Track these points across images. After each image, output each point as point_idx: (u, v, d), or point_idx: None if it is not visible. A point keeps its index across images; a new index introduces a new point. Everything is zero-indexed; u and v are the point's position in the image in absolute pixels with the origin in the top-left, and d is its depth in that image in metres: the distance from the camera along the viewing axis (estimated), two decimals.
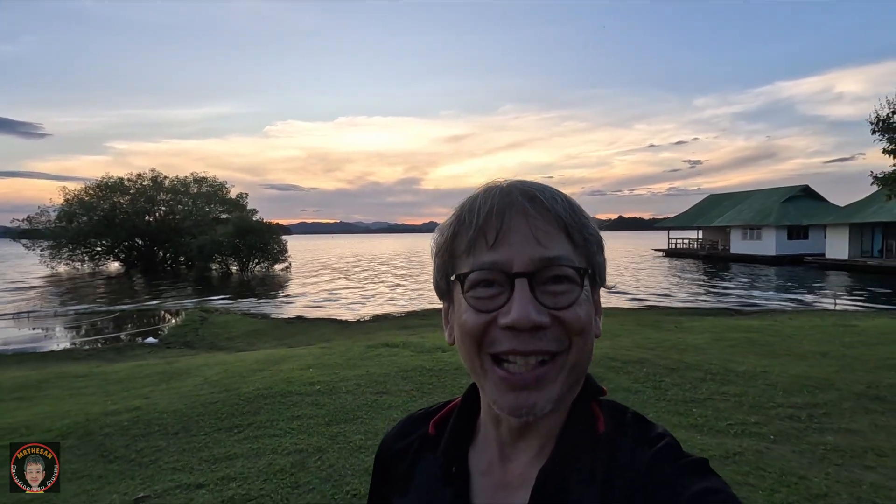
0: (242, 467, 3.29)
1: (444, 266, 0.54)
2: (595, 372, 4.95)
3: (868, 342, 7.01)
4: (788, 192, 35.41)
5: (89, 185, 34.49)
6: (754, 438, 3.58)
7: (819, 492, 2.73)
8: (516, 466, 0.54)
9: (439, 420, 0.62)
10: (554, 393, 0.49)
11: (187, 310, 14.72)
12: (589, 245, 0.53)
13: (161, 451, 3.60)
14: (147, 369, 6.65)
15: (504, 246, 0.49)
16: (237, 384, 5.29)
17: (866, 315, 11.13)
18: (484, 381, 0.51)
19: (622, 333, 8.59)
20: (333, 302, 17.88)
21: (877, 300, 16.24)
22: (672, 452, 0.49)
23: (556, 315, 0.48)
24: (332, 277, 28.13)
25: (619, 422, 0.53)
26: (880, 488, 2.79)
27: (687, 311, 12.99)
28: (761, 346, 6.99)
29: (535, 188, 0.52)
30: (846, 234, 28.15)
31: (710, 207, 42.80)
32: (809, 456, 3.26)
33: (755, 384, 4.92)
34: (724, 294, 18.73)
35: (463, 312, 0.51)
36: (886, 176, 11.25)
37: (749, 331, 8.38)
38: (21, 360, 8.57)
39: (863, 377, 5.09)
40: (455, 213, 0.54)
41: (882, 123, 11.25)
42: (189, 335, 10.78)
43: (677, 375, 5.28)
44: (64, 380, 6.18)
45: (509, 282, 0.48)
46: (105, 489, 3.04)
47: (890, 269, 23.86)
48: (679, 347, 6.91)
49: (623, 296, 18.07)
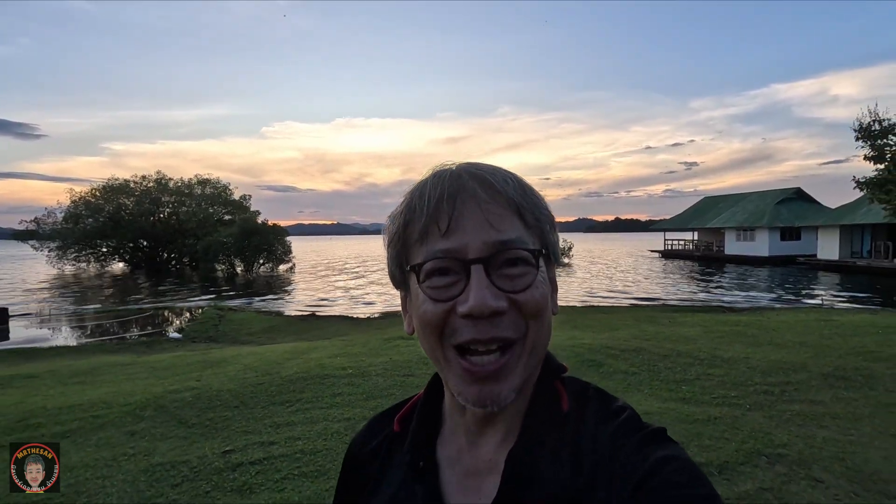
0: (302, 431, 3.91)
1: (397, 256, 0.54)
2: (596, 359, 5.65)
3: (844, 334, 7.68)
4: (781, 195, 36.23)
5: (95, 188, 35.05)
6: (733, 407, 4.23)
7: (780, 443, 3.38)
8: (485, 452, 0.54)
9: (403, 416, 0.61)
10: (516, 381, 0.49)
11: (202, 308, 15.31)
12: (542, 225, 0.52)
13: (229, 419, 4.23)
14: (186, 359, 7.26)
15: (457, 232, 0.49)
16: (276, 369, 5.91)
17: (848, 312, 11.83)
18: (447, 373, 0.51)
19: (620, 327, 9.25)
20: (341, 300, 18.50)
21: (862, 298, 16.98)
22: (633, 424, 0.50)
23: (513, 298, 0.48)
24: (335, 277, 28.75)
25: (582, 398, 0.54)
26: (829, 440, 3.44)
27: (681, 308, 13.66)
28: (747, 337, 7.65)
29: (485, 170, 0.52)
30: (836, 235, 28.94)
31: (705, 209, 43.60)
32: (777, 419, 3.92)
33: (737, 367, 5.57)
34: (718, 293, 19.43)
35: (421, 303, 0.50)
36: (868, 180, 11.95)
37: (737, 325, 9.05)
38: (59, 354, 9.14)
39: (833, 361, 5.75)
40: (405, 200, 0.53)
41: (864, 131, 11.95)
42: (210, 331, 11.38)
43: (669, 361, 5.93)
44: (114, 367, 6.78)
45: (465, 269, 0.48)
46: (193, 446, 3.66)
47: (878, 269, 24.62)
48: (672, 338, 7.56)
49: (621, 294, 18.76)
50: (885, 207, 11.99)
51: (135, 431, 3.96)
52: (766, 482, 2.84)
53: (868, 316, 10.38)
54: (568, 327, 9.33)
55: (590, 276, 27.32)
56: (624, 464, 0.46)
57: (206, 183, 38.28)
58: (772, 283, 22.47)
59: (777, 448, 3.29)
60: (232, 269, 29.74)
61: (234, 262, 29.67)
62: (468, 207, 0.49)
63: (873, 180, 11.83)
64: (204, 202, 37.30)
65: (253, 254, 29.30)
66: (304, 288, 23.41)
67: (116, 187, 35.30)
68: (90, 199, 34.43)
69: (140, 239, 35.81)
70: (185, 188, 37.41)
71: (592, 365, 5.72)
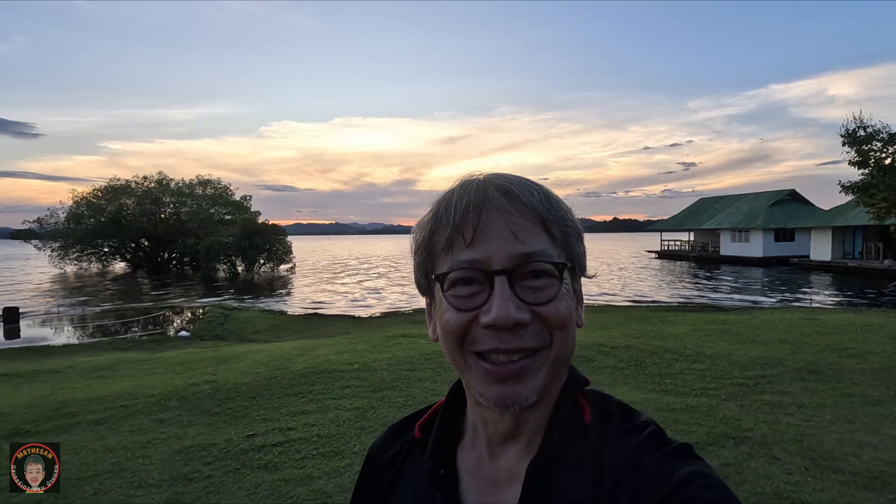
0: (316, 419, 4.29)
1: (423, 264, 0.55)
2: (587, 355, 6.08)
3: (824, 332, 8.08)
4: (775, 196, 36.72)
5: (97, 188, 35.38)
6: (709, 398, 4.62)
7: (747, 427, 3.77)
8: (505, 462, 0.54)
9: (424, 423, 0.61)
10: (538, 383, 0.49)
11: (206, 308, 15.67)
12: (568, 237, 0.53)
13: (248, 408, 4.60)
14: (199, 355, 7.62)
15: (482, 243, 0.49)
16: (286, 364, 6.29)
17: (833, 311, 12.24)
18: (469, 376, 0.51)
19: (612, 326, 9.64)
20: (342, 300, 18.87)
21: (849, 299, 17.43)
22: (657, 440, 0.49)
23: (536, 311, 0.49)
24: (336, 277, 29.13)
25: (605, 411, 0.54)
26: (791, 425, 3.83)
27: (672, 308, 14.07)
28: (732, 335, 8.05)
29: (510, 182, 0.52)
30: (829, 236, 29.43)
31: (701, 210, 44.08)
32: (748, 408, 4.31)
33: (719, 363, 5.97)
34: (710, 293, 19.86)
35: (444, 311, 0.51)
36: (853, 184, 12.37)
37: (724, 323, 9.45)
38: (73, 351, 9.49)
39: (808, 357, 6.15)
40: (432, 209, 0.54)
41: (850, 137, 12.38)
42: (217, 329, 11.75)
43: (656, 357, 6.32)
44: (131, 363, 7.14)
45: (488, 280, 0.49)
46: (218, 431, 4.03)
47: (869, 270, 25.10)
48: (661, 336, 7.96)
49: (615, 294, 19.17)
50: (869, 211, 12.41)
51: (163, 419, 4.34)
52: (730, 460, 3.23)
53: (851, 315, 10.79)
54: None
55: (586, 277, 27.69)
56: (647, 479, 0.45)
57: (206, 183, 38.63)
58: (764, 284, 22.92)
59: (744, 432, 3.68)
60: (233, 269, 30.07)
61: (236, 262, 29.99)
62: (493, 219, 0.50)
63: (858, 185, 12.25)
64: (205, 202, 37.63)
65: (254, 254, 29.64)
66: (306, 288, 23.76)
67: (118, 187, 35.64)
68: (92, 200, 34.74)
69: (141, 239, 36.13)
70: (186, 188, 37.74)
71: (583, 361, 6.10)
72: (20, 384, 6.10)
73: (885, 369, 5.54)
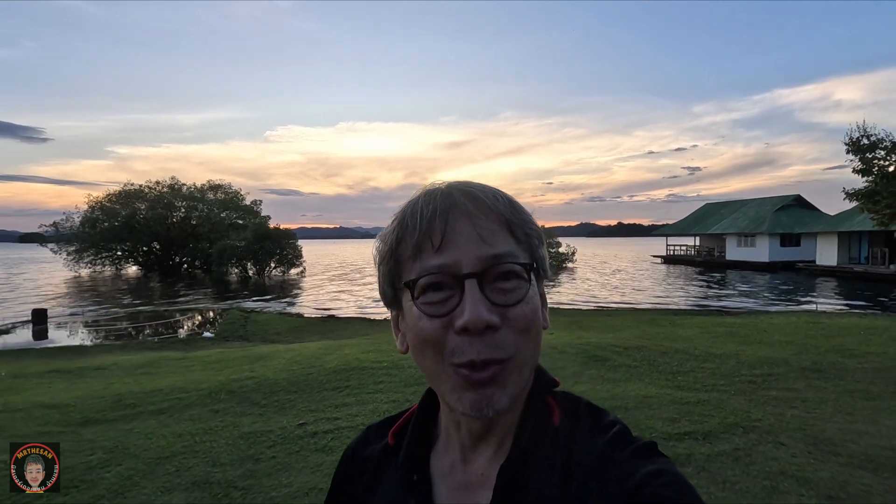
0: (358, 410, 4.67)
1: (389, 274, 0.54)
2: (602, 355, 6.49)
3: (828, 335, 8.40)
4: (781, 202, 36.93)
5: (111, 193, 36.10)
6: (720, 393, 4.98)
7: (755, 418, 4.13)
8: (477, 466, 0.54)
9: (398, 429, 0.62)
10: (510, 389, 0.50)
11: (225, 310, 16.12)
12: (531, 240, 0.54)
13: (292, 401, 4.99)
14: (231, 354, 8.04)
15: (450, 248, 0.50)
16: (318, 362, 6.68)
17: (839, 315, 12.53)
18: (443, 384, 0.51)
19: (624, 329, 10.01)
20: (354, 302, 19.29)
21: (854, 302, 17.68)
22: (623, 438, 0.51)
23: (505, 314, 0.49)
24: (345, 280, 29.57)
25: (574, 412, 0.55)
26: (796, 417, 4.19)
27: (681, 312, 14.39)
28: (739, 337, 8.39)
29: (475, 188, 0.54)
30: (835, 241, 29.63)
31: (707, 215, 44.29)
32: (756, 402, 4.66)
33: (728, 362, 6.31)
34: (718, 298, 20.14)
35: (417, 320, 0.50)
36: (857, 191, 12.70)
37: (732, 326, 9.79)
38: (107, 350, 9.94)
39: (812, 357, 6.49)
40: (397, 218, 0.54)
41: (854, 145, 12.71)
42: (239, 330, 12.18)
43: (668, 357, 6.67)
44: (169, 362, 7.56)
45: (459, 284, 0.49)
46: (271, 420, 4.42)
47: (875, 274, 25.30)
48: (671, 338, 8.31)
49: (623, 298, 19.48)
50: (873, 217, 12.71)
51: (217, 410, 4.74)
52: (740, 445, 3.59)
53: (855, 319, 11.10)
54: (575, 328, 10.08)
55: (593, 280, 28.05)
56: (613, 477, 0.47)
57: (217, 188, 39.29)
58: (770, 288, 23.16)
59: (752, 422, 4.04)
60: (245, 272, 30.57)
61: (247, 265, 30.50)
62: (460, 223, 0.50)
63: (862, 192, 12.57)
64: (216, 207, 38.26)
65: (265, 258, 30.15)
66: (318, 291, 24.20)
67: (132, 192, 36.35)
68: (106, 204, 35.43)
69: (153, 242, 36.76)
70: (198, 192, 38.38)
71: (599, 360, 6.46)
72: (71, 379, 6.52)
73: (885, 368, 5.87)
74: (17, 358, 9.03)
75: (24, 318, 14.45)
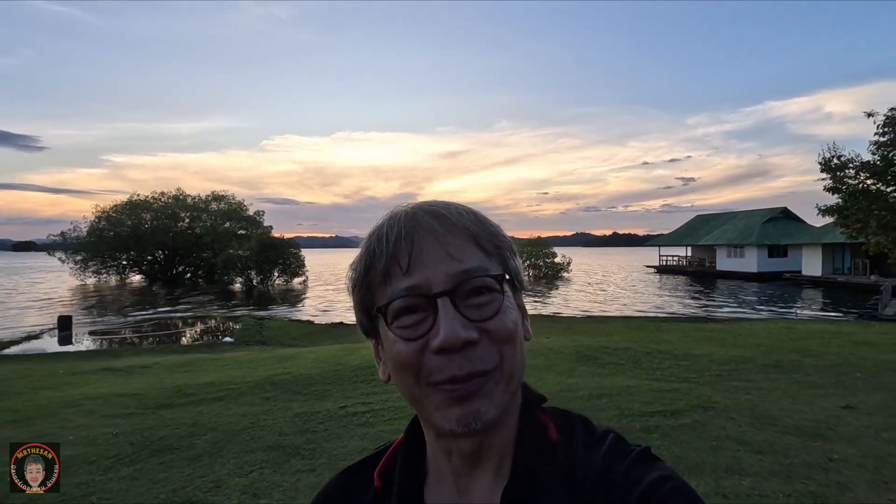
0: (386, 397, 5.54)
1: (363, 301, 0.54)
2: (593, 355, 7.56)
3: (796, 338, 9.37)
4: (769, 214, 38.24)
5: (117, 203, 37.01)
6: (689, 384, 5.89)
7: (715, 401, 5.04)
8: (477, 495, 0.52)
9: (383, 469, 0.58)
10: (496, 399, 0.49)
11: (238, 318, 16.94)
12: (502, 251, 0.53)
13: (328, 391, 5.87)
14: (259, 355, 8.89)
15: (419, 268, 0.49)
16: (342, 361, 7.54)
17: (813, 322, 13.52)
18: (427, 405, 0.50)
19: (614, 333, 10.94)
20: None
21: (835, 312, 18.72)
22: (620, 447, 0.51)
23: (482, 327, 0.48)
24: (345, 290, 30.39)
25: (569, 426, 0.54)
26: (748, 400, 5.11)
27: (668, 319, 15.36)
28: (716, 340, 9.34)
29: (438, 206, 0.53)
30: (819, 253, 30.81)
31: (698, 227, 45.55)
32: (718, 390, 5.58)
33: (701, 360, 7.24)
34: (704, 307, 21.14)
35: (393, 345, 0.50)
36: (828, 207, 13.77)
37: (712, 332, 10.74)
38: (137, 353, 10.76)
39: (775, 357, 7.43)
40: (364, 246, 0.54)
41: (826, 165, 13.80)
42: (256, 336, 13.02)
43: (650, 356, 7.59)
44: (204, 362, 8.40)
45: (431, 304, 0.48)
46: (316, 404, 5.30)
47: (857, 284, 26.42)
48: (655, 341, 9.24)
49: (615, 307, 20.45)
50: (843, 231, 13.78)
51: (267, 397, 5.61)
52: (699, 419, 4.49)
53: (826, 325, 12.08)
54: (569, 333, 11.00)
55: (587, 290, 29.03)
56: (619, 487, 0.46)
57: (221, 199, 40.20)
58: (757, 298, 24.20)
59: (712, 404, 4.95)
60: (249, 281, 31.36)
61: (252, 275, 31.31)
62: (427, 242, 0.50)
63: (833, 208, 13.64)
64: (219, 217, 39.12)
65: (270, 267, 30.98)
66: (322, 300, 25.03)
67: (137, 203, 37.22)
68: (112, 214, 36.28)
69: (157, 252, 37.54)
70: (202, 203, 39.27)
71: (590, 359, 7.37)
72: (124, 376, 7.36)
73: (835, 365, 6.82)
74: (57, 360, 9.84)
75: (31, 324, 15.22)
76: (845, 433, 4.12)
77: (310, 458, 3.82)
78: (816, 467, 3.45)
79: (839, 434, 4.10)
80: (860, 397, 5.23)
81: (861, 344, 8.75)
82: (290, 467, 3.66)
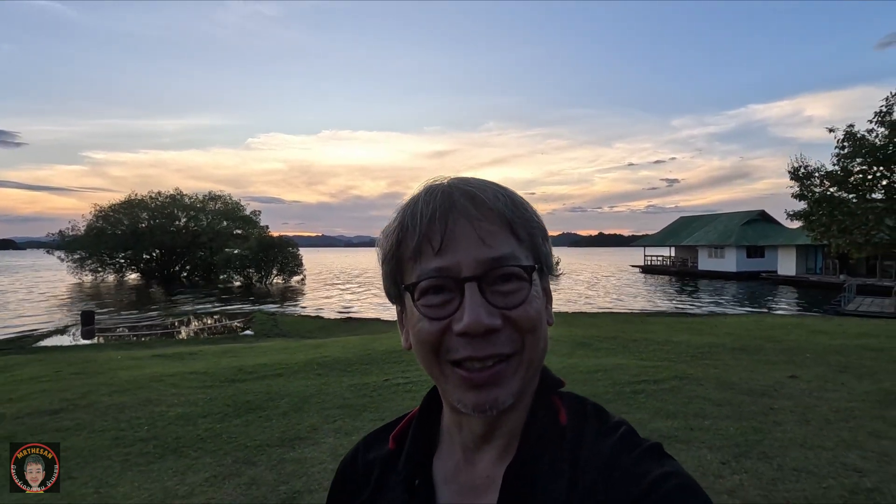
0: (422, 373, 6.62)
1: (392, 273, 0.55)
2: (587, 342, 8.96)
3: (762, 328, 10.68)
4: (746, 216, 40.10)
5: (115, 203, 37.44)
6: (670, 362, 7.09)
7: (690, 373, 6.22)
8: (482, 468, 0.54)
9: (398, 433, 0.62)
10: (513, 387, 0.50)
11: (248, 313, 17.84)
12: (534, 238, 0.54)
13: (368, 369, 6.92)
14: (291, 344, 9.90)
15: (450, 251, 0.50)
16: (370, 347, 8.60)
17: (781, 316, 14.94)
18: (445, 384, 0.52)
19: (604, 326, 12.16)
20: (362, 306, 21.15)
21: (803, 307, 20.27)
22: (630, 440, 0.51)
23: (507, 315, 0.49)
24: (344, 287, 31.36)
25: (580, 413, 0.55)
26: (715, 373, 6.31)
27: (652, 314, 16.68)
28: (694, 330, 10.61)
29: (475, 187, 0.53)
30: (794, 253, 32.61)
31: (681, 228, 47.33)
32: (692, 366, 6.78)
33: (680, 346, 8.46)
34: (688, 303, 22.57)
35: (417, 321, 0.51)
36: (796, 212, 15.21)
37: (691, 324, 12.04)
38: (168, 344, 11.66)
39: (742, 342, 8.69)
40: (398, 217, 0.54)
41: (794, 174, 15.23)
42: (275, 329, 13.97)
43: (637, 343, 8.80)
44: (243, 350, 9.39)
45: (459, 287, 0.49)
46: (364, 378, 6.34)
47: (828, 283, 28.17)
48: (640, 331, 10.48)
49: (603, 304, 21.77)
50: (808, 234, 15.23)
51: (320, 374, 6.65)
52: (675, 385, 5.66)
53: (792, 318, 13.49)
54: (564, 325, 12.20)
55: (576, 289, 30.40)
56: (623, 479, 0.47)
57: (217, 199, 40.78)
58: (735, 296, 25.76)
59: (687, 375, 6.13)
60: (248, 280, 32.10)
61: (251, 273, 32.06)
62: (460, 225, 0.50)
63: (800, 213, 15.08)
64: (216, 217, 39.70)
65: (268, 266, 31.76)
66: (323, 296, 25.95)
67: (135, 202, 37.65)
68: (110, 214, 36.70)
69: (154, 251, 38.01)
70: (199, 203, 39.81)
71: (585, 345, 8.53)
72: (178, 360, 8.32)
73: (790, 349, 8.08)
74: (98, 350, 10.71)
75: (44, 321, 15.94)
76: (786, 393, 5.34)
77: (376, 412, 4.90)
78: (760, 413, 4.64)
79: (781, 394, 5.32)
80: (804, 370, 6.47)
81: (818, 332, 10.08)
82: (364, 418, 4.74)
